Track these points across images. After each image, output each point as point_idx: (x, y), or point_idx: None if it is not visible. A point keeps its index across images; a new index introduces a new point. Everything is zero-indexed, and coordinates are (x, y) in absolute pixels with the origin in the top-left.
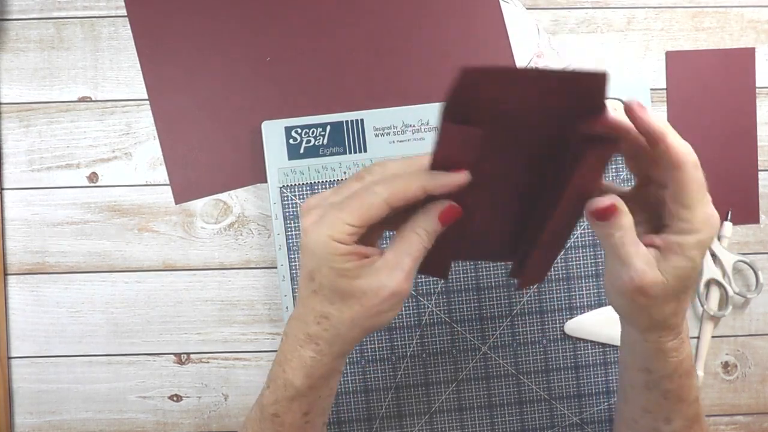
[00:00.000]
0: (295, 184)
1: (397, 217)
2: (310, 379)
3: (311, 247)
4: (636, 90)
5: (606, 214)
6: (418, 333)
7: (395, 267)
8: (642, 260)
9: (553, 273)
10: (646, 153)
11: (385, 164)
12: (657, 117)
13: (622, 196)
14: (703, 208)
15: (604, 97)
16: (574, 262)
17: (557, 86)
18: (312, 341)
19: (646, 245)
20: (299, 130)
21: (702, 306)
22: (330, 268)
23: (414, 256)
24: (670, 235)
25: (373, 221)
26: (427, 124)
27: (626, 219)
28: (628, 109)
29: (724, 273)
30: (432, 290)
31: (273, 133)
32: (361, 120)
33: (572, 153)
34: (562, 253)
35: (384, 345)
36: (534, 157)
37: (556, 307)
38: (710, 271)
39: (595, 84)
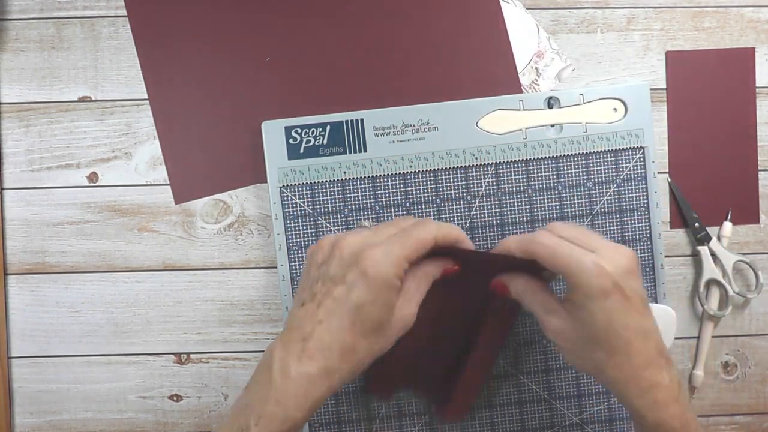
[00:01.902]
0: (295, 184)
1: None
2: (311, 411)
3: (374, 283)
4: (636, 90)
5: (498, 290)
6: None
7: (412, 299)
8: (542, 307)
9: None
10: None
11: (408, 218)
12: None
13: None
14: (575, 262)
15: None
16: None
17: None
18: (328, 377)
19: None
20: (299, 130)
21: (702, 306)
22: (384, 303)
23: (423, 293)
24: (570, 291)
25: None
26: (427, 124)
27: (520, 284)
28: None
29: (724, 273)
30: None
31: (273, 133)
32: (361, 120)
33: (489, 314)
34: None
35: None
36: (472, 312)
37: None
38: (710, 271)
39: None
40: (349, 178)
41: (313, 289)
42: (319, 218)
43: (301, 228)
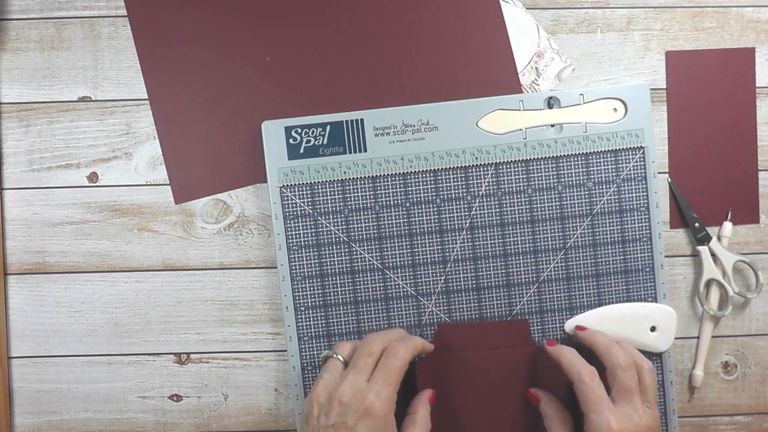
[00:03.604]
0: (295, 184)
1: None
2: None
3: (376, 421)
4: (636, 90)
5: (532, 399)
6: (418, 333)
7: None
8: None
9: (553, 273)
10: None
11: (378, 337)
12: (560, 350)
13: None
14: (597, 416)
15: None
16: (574, 262)
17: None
18: None
19: None
20: (299, 130)
21: (702, 306)
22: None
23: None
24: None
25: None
26: (427, 124)
27: (547, 407)
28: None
29: (724, 273)
30: (432, 290)
31: (273, 133)
32: (361, 120)
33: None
34: (562, 253)
35: None
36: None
37: (556, 307)
38: (710, 271)
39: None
40: (349, 178)
41: None
42: (319, 218)
43: (301, 228)
